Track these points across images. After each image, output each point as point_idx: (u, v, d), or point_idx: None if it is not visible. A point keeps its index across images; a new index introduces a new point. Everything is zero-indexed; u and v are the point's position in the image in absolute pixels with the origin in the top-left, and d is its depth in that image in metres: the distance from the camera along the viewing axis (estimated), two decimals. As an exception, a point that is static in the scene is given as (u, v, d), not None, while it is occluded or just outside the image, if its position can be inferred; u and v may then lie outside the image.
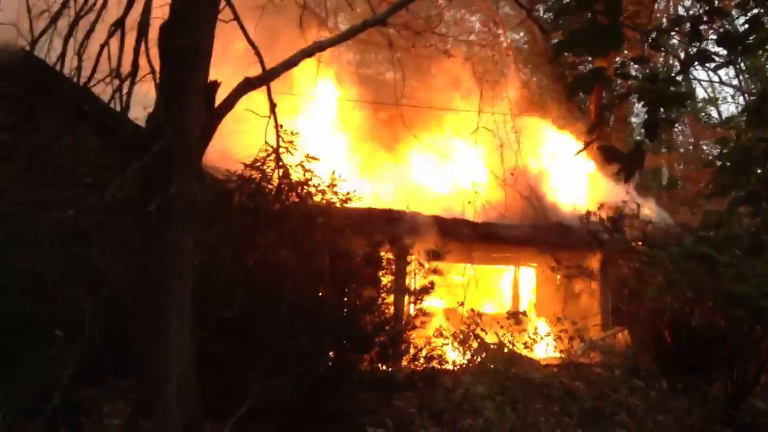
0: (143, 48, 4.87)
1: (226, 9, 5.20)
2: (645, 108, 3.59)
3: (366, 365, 6.50)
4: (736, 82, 21.94)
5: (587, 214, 10.42)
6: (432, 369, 7.06)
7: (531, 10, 13.63)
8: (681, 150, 24.63)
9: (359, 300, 6.50)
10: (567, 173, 13.77)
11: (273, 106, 5.26)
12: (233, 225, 6.24)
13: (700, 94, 23.82)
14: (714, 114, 24.31)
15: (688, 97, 3.87)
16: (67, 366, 4.50)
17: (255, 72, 5.33)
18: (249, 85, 5.27)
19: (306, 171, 6.56)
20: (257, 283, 5.52)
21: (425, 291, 7.25)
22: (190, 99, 4.93)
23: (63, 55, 5.13)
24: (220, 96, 5.20)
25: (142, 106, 5.21)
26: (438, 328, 7.92)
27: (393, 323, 6.88)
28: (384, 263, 7.05)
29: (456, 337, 8.28)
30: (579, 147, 13.00)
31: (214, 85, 5.12)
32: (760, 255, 6.34)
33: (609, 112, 15.56)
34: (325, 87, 12.71)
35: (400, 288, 7.42)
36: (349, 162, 12.05)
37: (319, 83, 11.99)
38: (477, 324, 8.54)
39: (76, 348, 4.51)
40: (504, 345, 8.31)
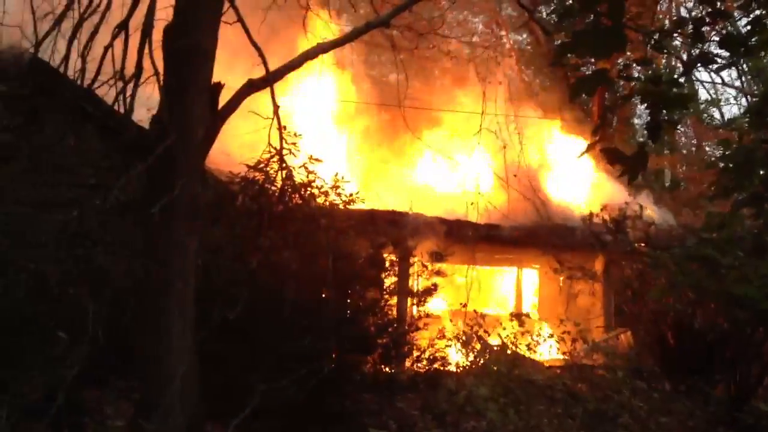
0: (147, 50, 4.88)
1: (230, 11, 5.21)
2: (648, 110, 3.58)
3: (369, 367, 6.51)
4: (738, 83, 21.96)
5: (590, 215, 10.39)
6: (435, 371, 7.07)
7: (533, 11, 13.63)
8: (684, 151, 24.63)
9: (362, 301, 6.51)
10: (570, 174, 13.75)
11: (276, 107, 5.25)
12: (236, 226, 6.25)
13: (702, 95, 23.86)
14: (716, 115, 24.35)
15: (690, 99, 3.86)
16: (71, 366, 4.50)
17: (258, 73, 5.34)
18: (252, 87, 5.27)
19: (309, 173, 6.57)
20: (260, 284, 5.54)
21: (428, 293, 7.27)
22: (193, 100, 4.93)
23: (67, 57, 5.14)
24: (224, 98, 5.21)
25: (145, 107, 5.21)
26: (441, 329, 7.92)
27: (396, 325, 6.90)
28: (387, 265, 7.07)
29: (459, 339, 8.28)
30: (582, 148, 12.96)
31: (217, 87, 5.12)
32: (762, 256, 6.34)
33: (612, 113, 15.56)
34: (329, 88, 12.72)
35: (403, 289, 7.45)
36: (352, 164, 12.06)
37: (323, 84, 12.00)
38: (480, 325, 8.54)
39: (79, 348, 4.51)
40: (507, 347, 8.31)
